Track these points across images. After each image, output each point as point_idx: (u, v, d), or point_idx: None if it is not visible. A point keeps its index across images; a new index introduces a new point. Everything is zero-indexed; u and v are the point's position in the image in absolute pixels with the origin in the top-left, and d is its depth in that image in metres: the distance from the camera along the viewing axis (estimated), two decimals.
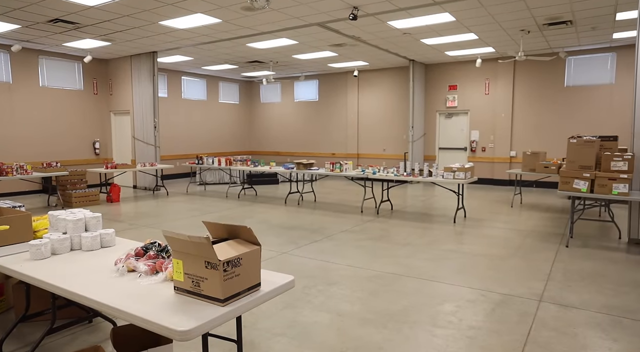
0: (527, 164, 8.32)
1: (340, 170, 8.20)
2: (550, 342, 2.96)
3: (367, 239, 5.91)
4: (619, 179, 5.08)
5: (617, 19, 7.62)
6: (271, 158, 15.76)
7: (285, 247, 5.49)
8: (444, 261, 4.87)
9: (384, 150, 13.36)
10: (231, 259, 1.79)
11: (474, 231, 6.39)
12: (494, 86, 11.44)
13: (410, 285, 4.11)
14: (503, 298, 3.77)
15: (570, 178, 5.41)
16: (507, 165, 11.34)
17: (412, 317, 3.38)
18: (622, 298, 3.75)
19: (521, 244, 5.61)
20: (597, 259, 4.92)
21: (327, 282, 4.20)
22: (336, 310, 3.52)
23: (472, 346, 2.92)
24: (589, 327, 3.20)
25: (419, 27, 8.07)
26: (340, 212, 7.92)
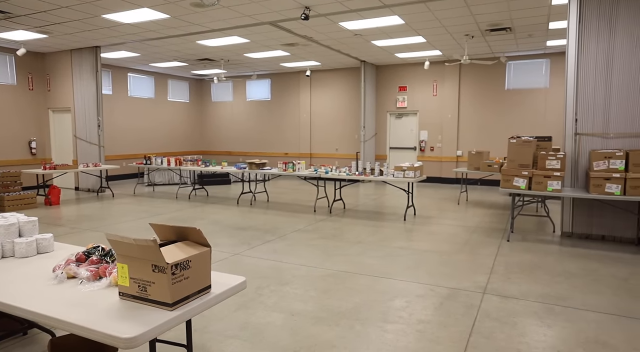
0: (472, 163, 8.72)
1: (293, 170, 8.20)
2: (493, 332, 3.12)
3: (320, 238, 5.95)
4: (553, 177, 5.44)
5: (550, 28, 8.15)
6: (223, 158, 15.48)
7: (237, 248, 5.42)
8: (395, 258, 5.00)
9: (336, 149, 13.50)
10: (180, 262, 1.74)
11: (423, 228, 6.61)
12: (442, 88, 11.88)
13: (362, 282, 4.18)
14: (450, 292, 3.93)
15: (510, 176, 5.72)
16: (454, 164, 11.81)
17: (364, 314, 3.45)
18: (555, 287, 4.02)
19: (467, 239, 5.86)
20: (535, 251, 5.24)
21: (280, 282, 4.19)
22: (289, 310, 3.52)
23: (421, 339, 3.02)
24: (526, 315, 3.40)
25: (369, 28, 8.23)
26: (293, 211, 7.92)
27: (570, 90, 5.76)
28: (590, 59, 5.66)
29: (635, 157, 5.06)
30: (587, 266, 4.66)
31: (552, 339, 3.03)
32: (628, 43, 5.47)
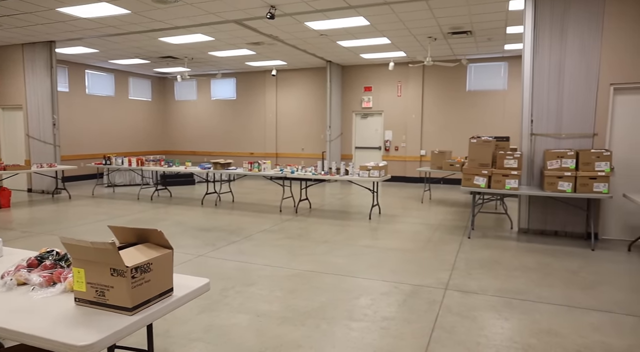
0: (435, 162, 8.94)
1: (258, 170, 8.14)
2: (455, 327, 3.22)
3: (286, 238, 5.94)
4: (511, 176, 5.66)
5: (508, 33, 8.47)
6: (187, 158, 15.17)
7: (202, 249, 5.33)
8: (360, 257, 5.06)
9: (302, 149, 13.50)
10: (140, 265, 1.70)
11: (388, 226, 6.72)
12: (406, 89, 12.11)
13: (327, 281, 4.21)
14: (414, 289, 4.01)
15: (471, 175, 5.91)
16: (417, 163, 12.07)
17: (330, 313, 3.47)
18: (512, 282, 4.19)
19: (430, 237, 6.01)
20: (494, 248, 5.44)
21: (246, 283, 4.15)
22: (255, 311, 3.50)
23: (385, 336, 3.08)
24: (486, 310, 3.53)
25: (335, 29, 8.28)
26: (259, 212, 7.86)
27: (527, 92, 6.01)
28: (544, 63, 5.92)
29: (584, 157, 5.34)
30: (541, 261, 4.88)
31: (509, 331, 3.15)
32: (577, 48, 5.76)
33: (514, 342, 2.97)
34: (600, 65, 5.68)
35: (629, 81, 5.58)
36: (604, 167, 5.25)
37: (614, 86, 5.66)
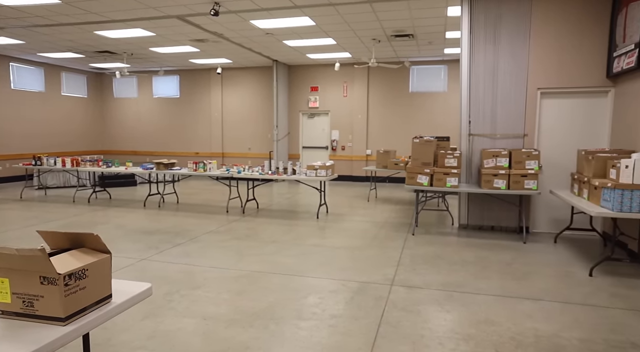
0: (380, 161, 9.16)
1: (204, 170, 7.94)
2: (400, 321, 3.31)
3: (233, 238, 5.84)
4: (451, 174, 5.92)
5: (447, 37, 8.86)
6: (128, 158, 14.49)
7: (144, 253, 5.11)
8: (309, 256, 5.07)
9: (249, 149, 13.34)
10: (74, 271, 1.59)
11: (336, 225, 6.79)
12: (351, 89, 12.31)
13: (276, 281, 4.18)
14: (361, 286, 4.09)
15: (414, 174, 6.11)
16: (363, 162, 12.31)
17: (278, 313, 3.45)
18: (453, 275, 4.39)
19: (376, 234, 6.15)
20: (436, 243, 5.66)
21: (192, 286, 4.03)
22: (201, 314, 3.41)
23: (334, 333, 3.11)
24: (429, 303, 3.67)
25: (281, 28, 8.25)
26: (205, 213, 7.67)
27: (465, 95, 6.31)
28: (480, 67, 6.25)
29: (516, 156, 5.70)
30: (479, 254, 5.15)
31: (451, 322, 3.30)
32: (509, 54, 6.13)
33: (455, 334, 3.11)
34: (529, 70, 6.08)
35: (553, 86, 6.03)
36: (533, 166, 5.63)
37: (541, 90, 6.09)
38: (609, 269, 4.62)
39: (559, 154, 6.15)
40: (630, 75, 5.33)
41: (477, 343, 2.96)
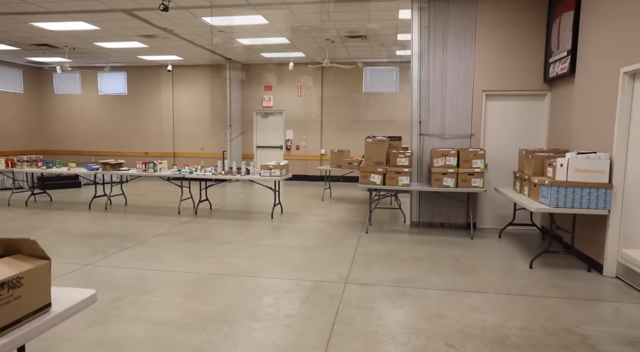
0: (334, 161, 9.25)
1: (154, 170, 7.67)
2: (354, 318, 3.36)
3: (185, 240, 5.68)
4: (403, 173, 6.08)
5: (398, 39, 9.09)
6: (71, 158, 13.73)
7: (89, 258, 4.86)
8: (263, 256, 5.03)
9: (201, 148, 13.04)
10: (7, 280, 1.49)
11: (290, 224, 6.78)
12: (306, 89, 12.34)
13: (230, 283, 4.12)
14: (316, 285, 4.11)
15: (368, 173, 6.22)
16: (318, 162, 12.37)
17: (232, 315, 3.40)
18: (406, 272, 4.51)
19: (331, 233, 6.20)
20: (389, 241, 5.79)
21: (141, 291, 3.88)
22: (151, 319, 3.29)
23: (288, 333, 3.10)
24: (382, 300, 3.75)
25: (233, 26, 8.12)
26: (155, 214, 7.41)
27: (415, 96, 6.50)
28: (430, 69, 6.45)
29: (464, 155, 5.94)
30: (430, 251, 5.32)
31: (403, 318, 3.39)
32: (457, 56, 6.38)
33: (407, 328, 3.20)
34: (474, 73, 6.36)
35: (497, 89, 6.34)
36: (479, 164, 5.89)
37: (486, 92, 6.38)
38: (547, 261, 4.92)
39: (502, 153, 6.48)
40: (563, 80, 5.71)
41: (428, 337, 3.06)
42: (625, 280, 4.24)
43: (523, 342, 2.99)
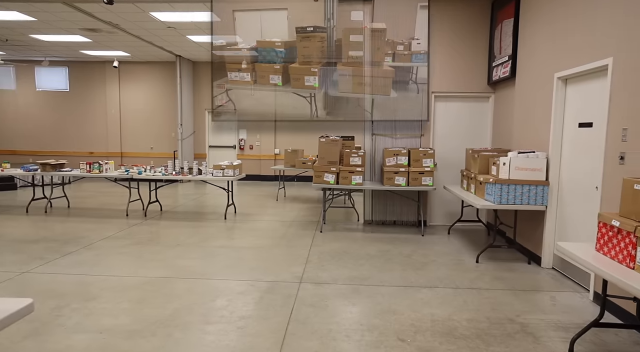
0: (288, 160, 9.23)
1: (99, 171, 7.32)
2: (309, 317, 3.37)
3: (134, 244, 5.47)
4: (356, 172, 6.17)
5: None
6: (4, 158, 12.80)
7: (27, 265, 4.56)
8: (216, 258, 4.94)
9: (151, 148, 12.60)
10: None
11: (244, 225, 6.70)
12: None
13: (181, 286, 4.00)
14: (270, 285, 4.08)
15: (321, 172, 6.26)
16: (272, 162, 12.30)
17: (184, 319, 3.31)
18: (359, 269, 4.58)
19: (285, 233, 6.18)
20: (343, 239, 5.86)
21: (85, 298, 3.69)
22: (96, 328, 3.14)
23: (242, 335, 3.07)
24: (336, 298, 3.79)
25: (184, 22, 7.90)
26: (101, 217, 7.08)
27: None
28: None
29: (414, 154, 6.12)
30: (383, 248, 5.44)
31: (356, 315, 3.44)
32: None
33: (360, 325, 3.25)
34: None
35: (444, 90, 6.58)
36: (429, 164, 6.09)
37: (435, 94, 6.61)
38: (492, 255, 5.17)
39: (451, 153, 6.73)
40: (505, 83, 6.02)
41: (380, 332, 3.13)
42: (561, 271, 4.55)
43: (470, 333, 3.13)
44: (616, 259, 2.64)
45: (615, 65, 3.53)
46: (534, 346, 2.95)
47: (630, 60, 3.35)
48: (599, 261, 2.67)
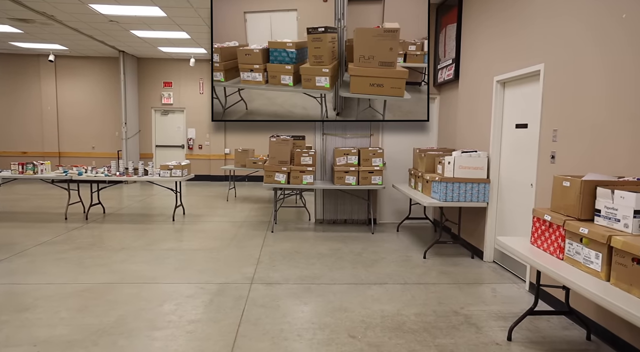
0: (239, 160, 9.10)
1: (34, 172, 6.85)
2: (260, 318, 3.35)
3: (74, 249, 5.17)
4: (307, 171, 6.19)
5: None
6: None
7: None
8: (163, 261, 4.78)
9: (93, 148, 11.97)
10: None
11: (193, 226, 6.53)
12: (208, 86, 11.95)
13: (126, 292, 3.84)
14: (220, 287, 4.01)
15: (272, 172, 6.23)
16: (222, 161, 12.06)
17: (129, 325, 3.18)
18: (311, 269, 4.61)
19: (236, 234, 6.09)
20: (294, 239, 5.87)
21: (17, 308, 3.45)
22: (30, 340, 2.94)
23: (192, 339, 2.99)
24: (288, 297, 3.78)
25: (127, 16, 7.57)
26: (36, 221, 6.63)
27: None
28: None
29: (364, 154, 6.24)
30: (334, 247, 5.50)
31: (308, 314, 3.46)
32: None
33: (312, 324, 3.27)
34: None
35: None
36: (378, 163, 6.23)
37: None
38: (438, 250, 5.38)
39: (399, 152, 6.92)
40: (450, 85, 6.28)
41: (332, 330, 3.16)
42: (501, 264, 4.81)
43: (418, 326, 3.24)
44: (548, 251, 2.83)
45: (546, 70, 3.78)
46: (476, 335, 3.10)
47: (560, 66, 3.60)
48: (533, 253, 2.86)
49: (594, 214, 2.57)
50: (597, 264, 2.36)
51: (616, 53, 2.97)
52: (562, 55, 3.56)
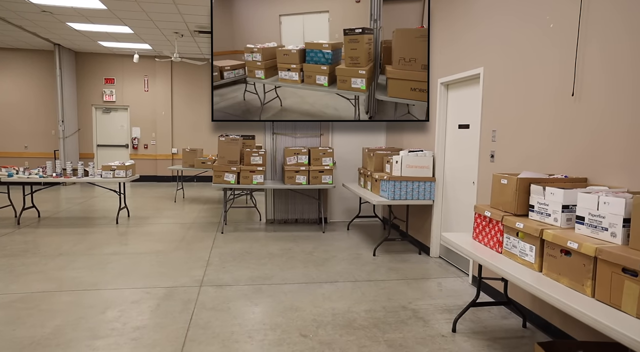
0: (186, 160, 8.85)
1: None
2: (209, 321, 3.27)
3: (3, 256, 4.80)
4: (257, 171, 6.13)
5: None
6: None
7: None
8: (106, 266, 4.55)
9: (25, 147, 11.17)
10: None
11: (139, 229, 6.27)
12: (153, 84, 11.52)
13: (64, 300, 3.62)
14: (168, 291, 3.88)
15: (221, 172, 6.11)
16: (169, 161, 11.68)
17: (67, 336, 3.00)
18: (261, 269, 4.57)
19: (184, 236, 5.92)
20: (245, 240, 5.79)
21: None
22: None
23: (137, 347, 2.87)
24: (238, 299, 3.73)
25: (63, 7, 7.13)
26: None
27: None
28: None
29: (314, 153, 6.27)
30: (285, 246, 5.48)
31: (259, 314, 3.43)
32: None
33: (263, 325, 3.24)
34: None
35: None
36: (329, 162, 6.28)
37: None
38: (387, 248, 5.51)
39: (349, 151, 7.01)
40: None
41: (283, 330, 3.15)
42: (446, 259, 5.01)
43: (368, 323, 3.30)
44: (488, 245, 2.99)
45: (485, 74, 3.99)
46: (424, 329, 3.21)
47: (498, 70, 3.81)
48: (475, 248, 3.00)
49: (529, 210, 2.74)
50: (531, 256, 2.51)
51: (549, 61, 3.18)
52: (500, 59, 3.77)
